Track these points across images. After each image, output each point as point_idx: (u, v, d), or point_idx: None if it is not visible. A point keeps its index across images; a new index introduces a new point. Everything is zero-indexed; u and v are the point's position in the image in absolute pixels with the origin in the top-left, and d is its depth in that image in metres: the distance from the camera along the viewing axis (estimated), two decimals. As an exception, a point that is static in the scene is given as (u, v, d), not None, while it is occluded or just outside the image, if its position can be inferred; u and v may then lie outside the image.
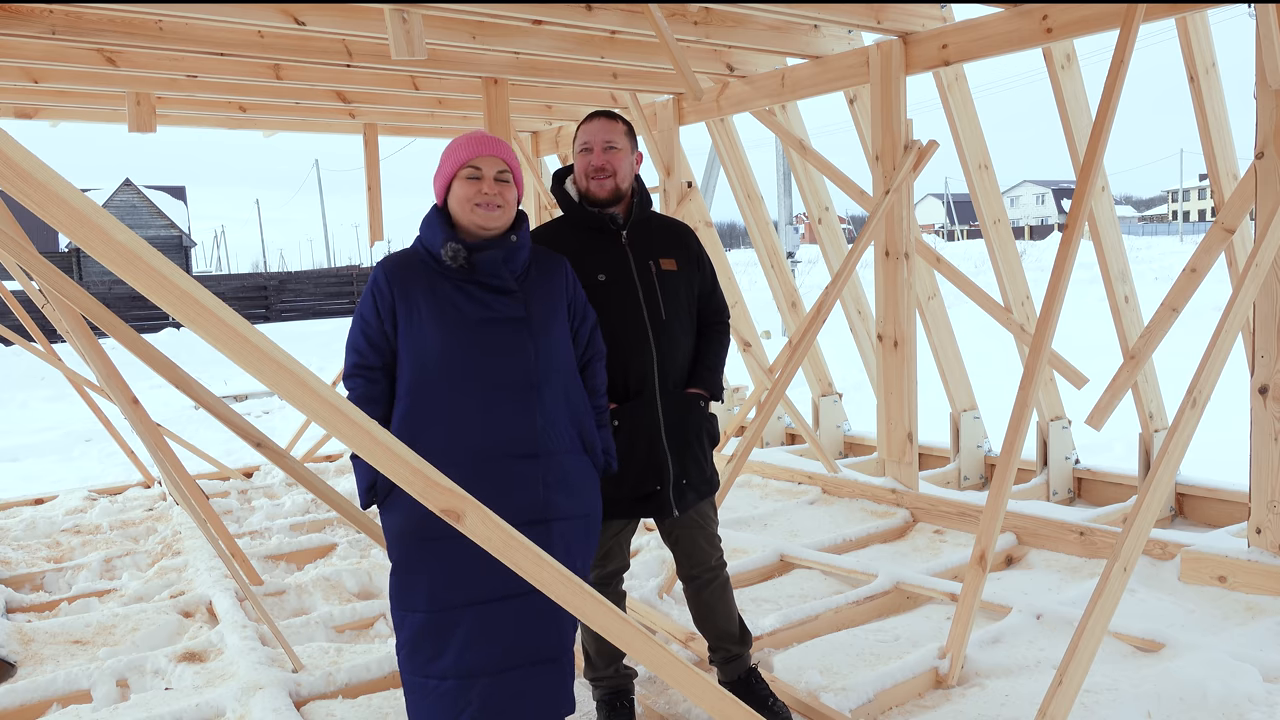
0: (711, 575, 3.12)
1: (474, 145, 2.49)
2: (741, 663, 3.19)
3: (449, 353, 2.42)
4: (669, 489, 2.90)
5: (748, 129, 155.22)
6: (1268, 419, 3.99)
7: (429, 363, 2.43)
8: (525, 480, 2.43)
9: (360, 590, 4.60)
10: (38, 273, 3.05)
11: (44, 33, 4.45)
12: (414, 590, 2.41)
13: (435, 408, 2.42)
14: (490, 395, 2.42)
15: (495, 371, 2.43)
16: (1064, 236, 3.66)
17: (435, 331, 2.43)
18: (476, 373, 2.42)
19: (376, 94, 6.50)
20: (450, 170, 2.51)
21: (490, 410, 2.42)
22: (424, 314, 2.44)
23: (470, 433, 2.41)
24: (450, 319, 2.43)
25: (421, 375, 2.43)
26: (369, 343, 2.48)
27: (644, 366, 2.86)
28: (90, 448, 9.50)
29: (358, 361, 2.49)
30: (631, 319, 2.85)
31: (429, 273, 2.48)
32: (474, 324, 2.44)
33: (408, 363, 2.45)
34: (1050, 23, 4.47)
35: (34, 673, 3.70)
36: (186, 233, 39.77)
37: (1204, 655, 3.28)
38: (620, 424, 2.84)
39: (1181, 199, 79.15)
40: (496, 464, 2.41)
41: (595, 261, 2.86)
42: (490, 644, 2.39)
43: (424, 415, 2.42)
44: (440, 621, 2.39)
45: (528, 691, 2.43)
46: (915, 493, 5.42)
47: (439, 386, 2.42)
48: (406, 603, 2.43)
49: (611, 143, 2.87)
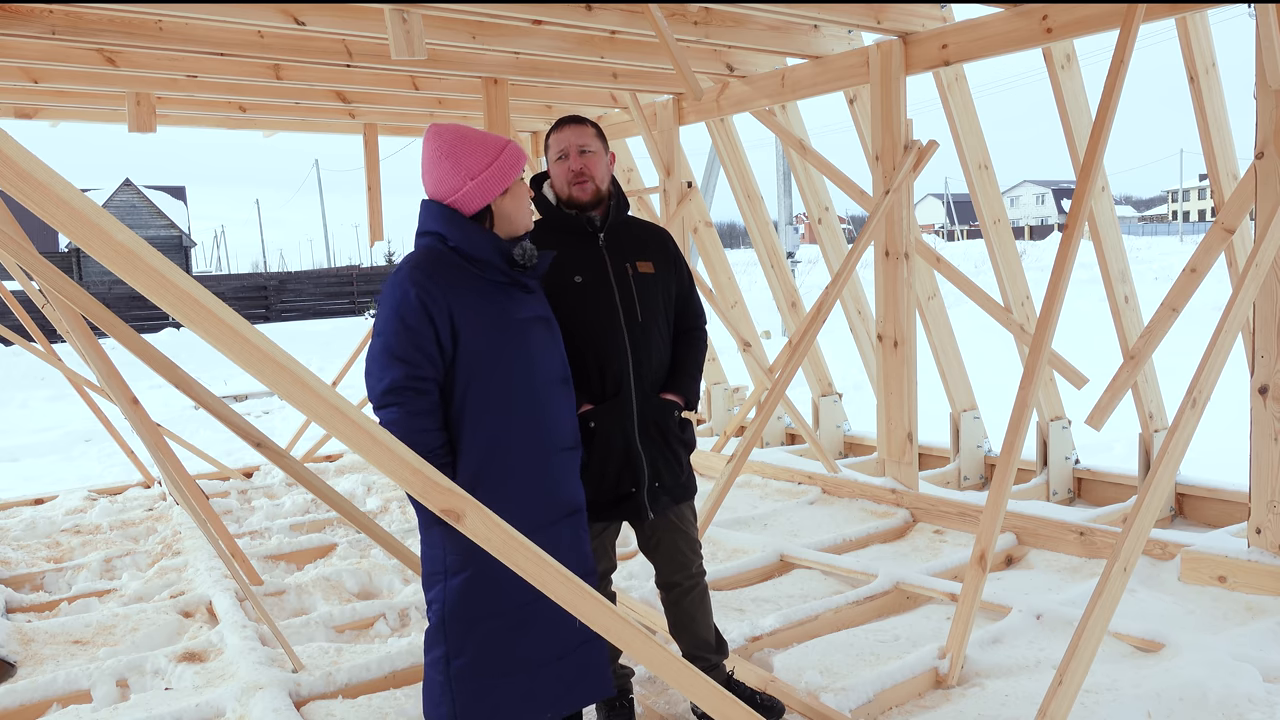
0: (692, 583, 3.11)
1: (518, 161, 2.55)
2: (719, 672, 3.18)
3: (501, 352, 2.46)
4: (644, 491, 2.90)
5: (748, 129, 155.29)
6: (1268, 419, 3.99)
7: (484, 364, 2.44)
8: (571, 471, 2.58)
9: (360, 590, 4.60)
10: (38, 273, 3.05)
11: (44, 33, 4.45)
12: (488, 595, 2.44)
13: (493, 407, 2.44)
14: (541, 392, 2.51)
15: (542, 369, 2.52)
16: (1064, 236, 3.66)
17: (487, 333, 2.44)
18: (527, 370, 2.49)
19: (376, 94, 6.50)
20: (509, 181, 2.53)
21: (545, 406, 2.52)
22: (474, 316, 2.44)
23: (530, 429, 2.48)
24: (499, 320, 2.47)
25: (476, 378, 2.43)
26: (421, 352, 2.36)
27: (620, 368, 2.86)
28: (90, 448, 9.50)
29: (410, 372, 2.34)
30: (608, 320, 2.85)
31: (466, 275, 2.48)
32: (518, 323, 2.50)
33: (463, 366, 2.43)
34: (1050, 23, 4.47)
35: (34, 673, 3.70)
36: (186, 233, 39.78)
37: (1204, 655, 3.28)
38: (596, 425, 2.84)
39: (1181, 199, 79.17)
40: (554, 458, 2.52)
41: (573, 263, 2.86)
42: (553, 630, 2.47)
43: (481, 417, 2.43)
44: (512, 621, 2.45)
45: (587, 670, 2.54)
46: (915, 493, 5.42)
47: (494, 387, 2.44)
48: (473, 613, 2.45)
49: (585, 146, 2.88)
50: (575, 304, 2.80)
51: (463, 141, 2.51)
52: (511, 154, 2.55)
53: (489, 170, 2.50)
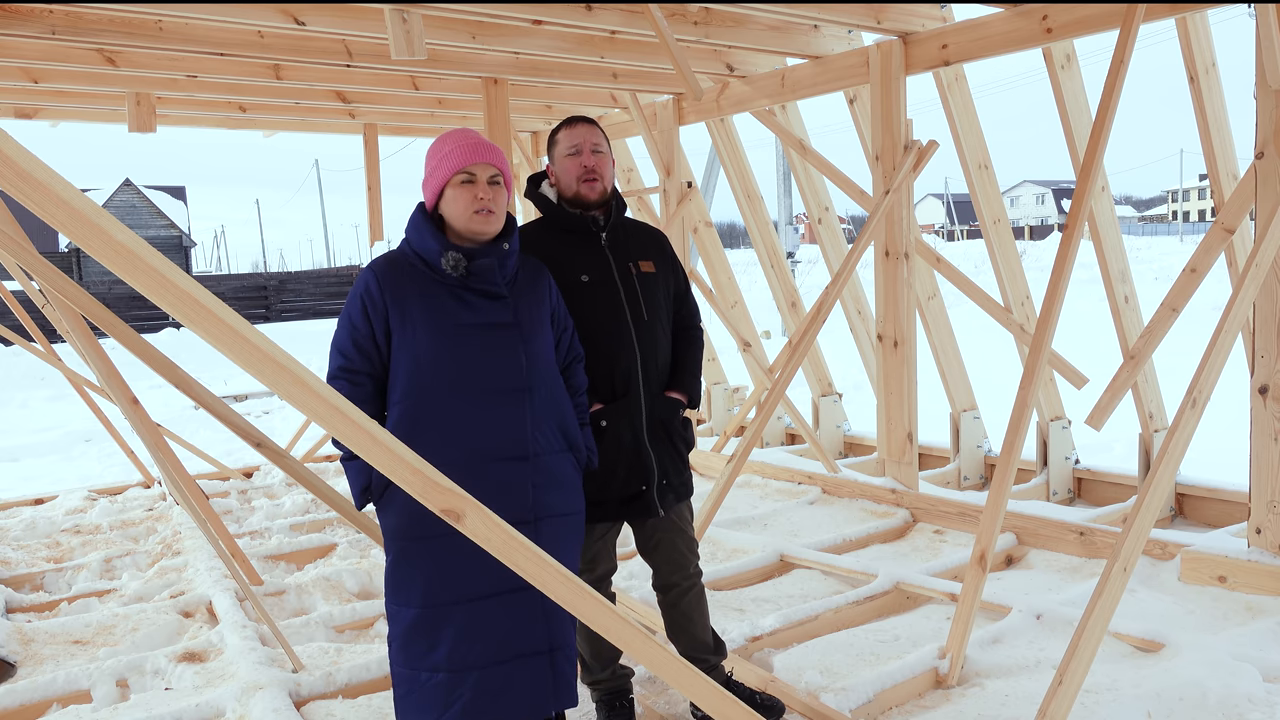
0: (690, 584, 3.11)
1: (467, 152, 2.48)
2: (718, 674, 3.18)
3: (443, 358, 2.43)
4: (653, 489, 2.91)
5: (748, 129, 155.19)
6: (1268, 419, 3.99)
7: (423, 368, 2.43)
8: (516, 482, 2.47)
9: (360, 590, 4.60)
10: (38, 273, 3.05)
11: (44, 33, 4.45)
12: (408, 586, 2.44)
13: (429, 412, 2.43)
14: (484, 400, 2.45)
15: (489, 376, 2.46)
16: (1064, 236, 3.66)
17: (429, 337, 2.43)
18: (471, 378, 2.44)
19: (376, 94, 6.50)
20: (444, 176, 2.49)
21: (485, 414, 2.45)
22: (418, 319, 2.44)
23: (465, 437, 2.42)
24: (444, 324, 2.44)
25: (415, 380, 2.43)
26: (357, 348, 2.46)
27: (629, 366, 2.86)
28: (90, 448, 9.50)
29: (344, 365, 2.47)
30: (616, 319, 2.85)
31: (420, 277, 2.47)
32: (467, 329, 2.46)
33: (401, 368, 2.45)
34: (1050, 23, 4.47)
35: (34, 673, 3.70)
36: (186, 233, 39.78)
37: (1204, 655, 3.28)
38: (607, 424, 2.84)
39: (1181, 199, 79.15)
40: (489, 467, 2.44)
41: (578, 262, 2.85)
42: (482, 639, 2.42)
43: (418, 420, 2.43)
44: (433, 617, 2.42)
45: (518, 683, 2.46)
46: (915, 493, 5.42)
47: (433, 392, 2.43)
48: (400, 598, 2.46)
49: (598, 146, 2.88)
50: (583, 303, 2.80)
51: (437, 141, 2.53)
52: (445, 147, 2.49)
53: (431, 165, 2.52)
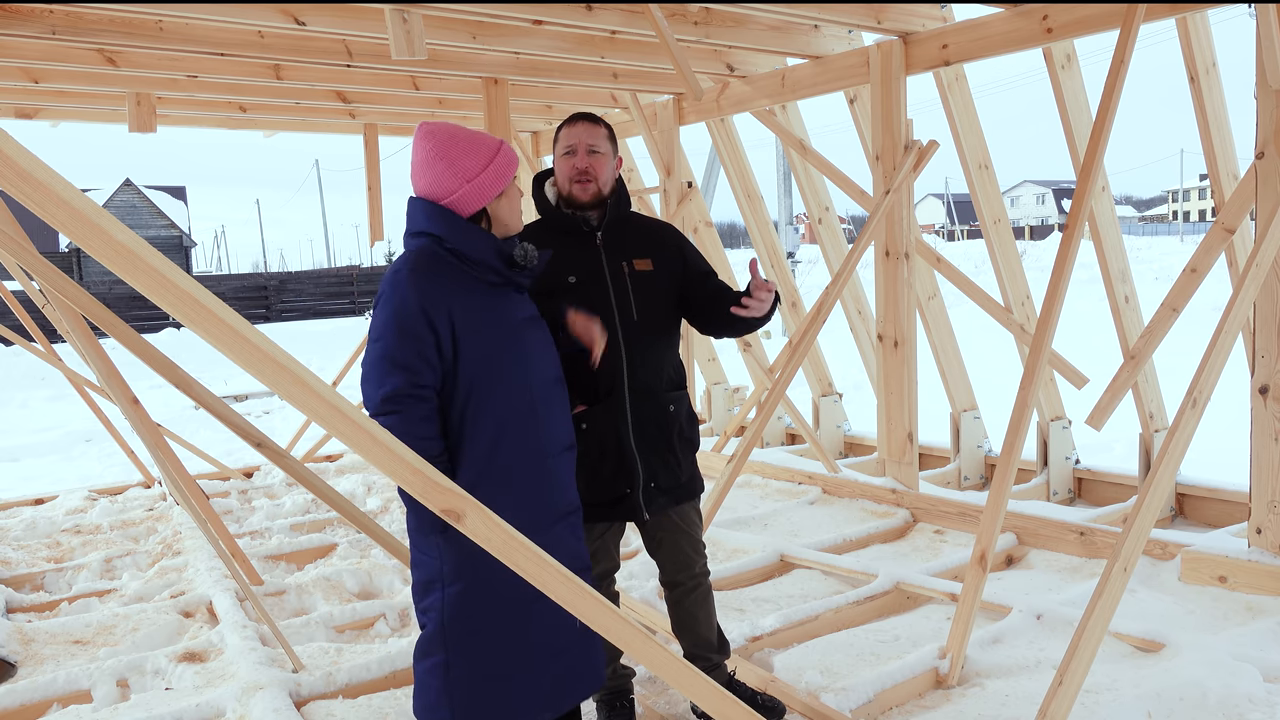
0: (695, 582, 3.10)
1: (512, 163, 2.53)
2: (721, 672, 3.18)
3: (501, 356, 2.43)
4: (638, 492, 2.88)
5: (748, 129, 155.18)
6: (1268, 419, 3.99)
7: (485, 368, 2.40)
8: (568, 473, 2.57)
9: (360, 590, 4.60)
10: (38, 273, 3.05)
11: (44, 33, 4.45)
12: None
13: (492, 411, 2.41)
14: (539, 394, 2.50)
15: (539, 370, 2.51)
16: (1064, 236, 3.66)
17: (488, 336, 2.41)
18: (527, 372, 2.48)
19: (376, 94, 6.50)
20: (505, 183, 2.51)
21: (543, 408, 2.50)
22: (474, 319, 2.41)
23: (530, 432, 2.46)
24: (498, 322, 2.45)
25: (478, 382, 2.40)
26: (422, 358, 2.31)
27: (613, 368, 2.83)
28: (90, 448, 9.50)
29: (411, 380, 2.30)
30: (601, 320, 2.81)
31: (464, 277, 2.44)
32: (517, 325, 2.49)
33: (465, 371, 2.39)
34: (1050, 23, 4.47)
35: (34, 673, 3.70)
36: (187, 233, 39.80)
37: (1204, 655, 3.28)
38: (589, 426, 2.82)
39: (1181, 199, 79.14)
40: (551, 460, 2.50)
41: (567, 263, 2.83)
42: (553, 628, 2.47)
43: (482, 422, 2.40)
44: (511, 625, 2.45)
45: (584, 665, 2.54)
46: (915, 493, 5.42)
47: (495, 391, 2.41)
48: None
49: (595, 147, 2.84)
50: (569, 305, 2.77)
51: (456, 143, 2.46)
52: (506, 156, 2.53)
53: (485, 173, 2.47)
